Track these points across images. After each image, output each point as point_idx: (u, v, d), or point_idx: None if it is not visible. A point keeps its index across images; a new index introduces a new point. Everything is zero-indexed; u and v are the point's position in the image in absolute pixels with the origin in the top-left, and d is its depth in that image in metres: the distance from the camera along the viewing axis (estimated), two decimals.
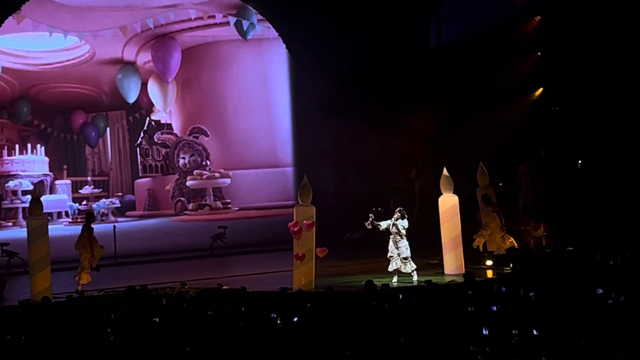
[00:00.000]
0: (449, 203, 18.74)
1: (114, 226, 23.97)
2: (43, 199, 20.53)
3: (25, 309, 13.83)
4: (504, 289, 12.50)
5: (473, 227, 19.74)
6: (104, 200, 38.54)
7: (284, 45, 27.27)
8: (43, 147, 40.26)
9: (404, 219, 17.49)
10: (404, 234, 17.45)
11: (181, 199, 36.83)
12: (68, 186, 40.66)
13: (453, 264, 18.41)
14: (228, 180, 36.57)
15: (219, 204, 36.04)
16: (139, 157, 41.28)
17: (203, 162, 37.41)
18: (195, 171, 36.77)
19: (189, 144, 37.81)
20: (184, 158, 37.64)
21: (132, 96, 39.21)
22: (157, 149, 40.28)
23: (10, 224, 35.01)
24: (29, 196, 29.16)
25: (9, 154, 38.27)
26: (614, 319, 9.71)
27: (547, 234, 20.03)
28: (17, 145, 39.17)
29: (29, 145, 39.17)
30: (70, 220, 36.92)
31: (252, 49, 36.95)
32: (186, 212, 35.96)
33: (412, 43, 25.39)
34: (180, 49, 37.00)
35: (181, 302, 13.04)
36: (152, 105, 40.49)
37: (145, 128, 40.85)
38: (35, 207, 17.60)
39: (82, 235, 18.11)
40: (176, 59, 37.02)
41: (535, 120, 24.36)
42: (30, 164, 38.29)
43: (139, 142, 41.17)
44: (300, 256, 16.94)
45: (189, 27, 35.51)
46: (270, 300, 13.22)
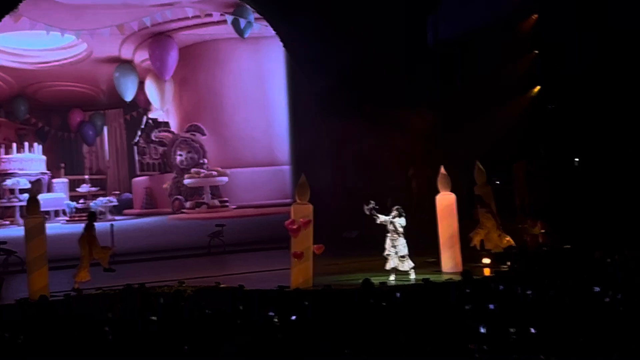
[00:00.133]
0: (446, 201, 18.75)
1: (112, 224, 24.00)
2: (40, 197, 20.49)
3: (22, 308, 13.81)
4: (501, 287, 12.50)
5: (470, 225, 19.75)
6: (101, 198, 38.63)
7: (281, 44, 27.27)
8: (40, 146, 40.33)
9: (402, 217, 17.49)
10: (402, 232, 17.46)
11: (178, 197, 36.84)
12: (65, 184, 40.72)
13: (450, 262, 18.42)
14: (225, 179, 36.59)
15: (216, 202, 36.06)
16: (136, 156, 41.30)
17: (200, 160, 37.40)
18: (192, 169, 36.77)
19: (185, 141, 37.82)
20: (181, 155, 37.65)
21: (130, 94, 39.26)
22: (155, 147, 40.27)
23: (7, 222, 35.08)
24: (26, 194, 29.14)
25: (7, 153, 38.32)
26: (611, 317, 9.72)
27: (544, 232, 20.05)
28: (15, 144, 39.21)
29: (27, 144, 39.23)
30: (67, 218, 36.96)
31: (250, 48, 36.98)
32: (183, 211, 35.97)
33: (410, 41, 25.35)
34: (177, 47, 37.03)
35: (179, 301, 13.03)
36: (150, 103, 40.54)
37: (142, 126, 40.87)
38: (33, 206, 17.60)
39: (82, 234, 18.24)
40: (173, 57, 37.05)
41: (533, 119, 24.35)
42: (28, 162, 38.33)
43: (136, 141, 41.18)
44: (298, 254, 16.95)
45: (186, 26, 35.55)
46: (268, 299, 13.22)
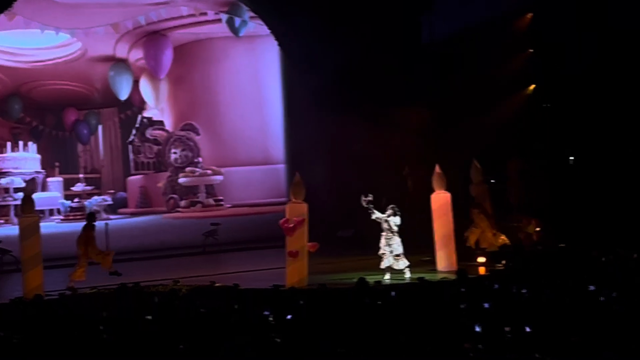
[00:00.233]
0: (441, 200, 18.76)
1: (106, 224, 23.92)
2: (35, 196, 20.48)
3: (17, 307, 13.79)
4: (496, 286, 12.51)
5: (466, 224, 19.76)
6: (96, 197, 38.55)
7: (276, 42, 27.24)
8: (35, 145, 40.24)
9: (396, 216, 17.51)
10: (396, 230, 17.48)
11: (173, 196, 36.79)
12: (60, 183, 40.64)
13: (445, 261, 18.45)
14: (220, 177, 36.56)
15: (211, 201, 36.02)
16: (130, 155, 41.21)
17: (195, 158, 37.36)
18: (187, 168, 36.74)
19: (180, 139, 37.77)
20: (175, 153, 37.60)
21: (124, 93, 39.22)
22: (149, 146, 40.20)
23: (2, 221, 34.97)
24: (21, 193, 29.07)
25: (1, 152, 38.26)
26: (606, 316, 9.73)
27: (538, 230, 20.07)
28: (9, 143, 39.11)
29: (21, 143, 39.13)
30: (62, 217, 36.89)
31: (244, 46, 36.94)
32: (178, 210, 35.94)
33: (405, 40, 25.37)
34: (172, 46, 37.00)
35: (174, 300, 13.03)
36: (144, 102, 40.47)
37: (137, 125, 40.78)
38: (27, 205, 17.60)
39: (80, 234, 18.34)
40: (168, 56, 37.02)
41: (528, 117, 24.37)
42: (22, 161, 38.25)
43: (131, 140, 41.10)
44: (294, 253, 16.95)
45: (180, 24, 35.50)
46: (263, 298, 13.21)
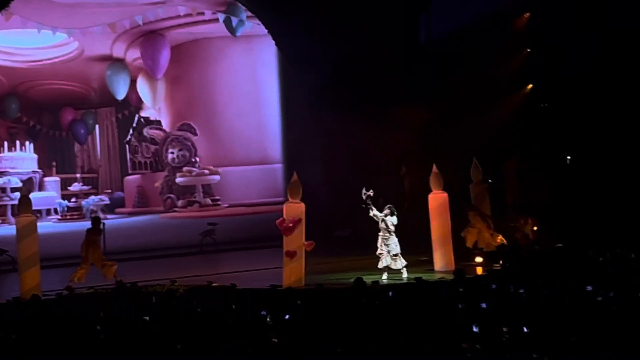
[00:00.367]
0: (438, 200, 18.76)
1: (103, 223, 23.80)
2: (32, 196, 20.43)
3: (14, 307, 13.77)
4: (493, 286, 12.50)
5: (463, 224, 19.75)
6: (93, 197, 38.57)
7: (273, 42, 27.23)
8: (32, 144, 40.22)
9: (393, 215, 17.50)
10: (393, 230, 17.47)
11: (170, 195, 36.78)
12: (57, 183, 40.63)
13: (443, 261, 18.43)
14: (217, 177, 36.57)
15: (208, 200, 36.02)
16: (128, 154, 41.22)
17: (192, 158, 37.34)
18: (184, 168, 36.72)
19: (177, 138, 37.75)
20: (172, 153, 37.57)
21: (121, 93, 39.20)
22: (147, 145, 40.20)
23: None
24: (17, 193, 29.08)
25: None
26: (604, 315, 9.73)
27: (535, 229, 20.08)
28: (6, 143, 39.10)
29: (18, 142, 39.13)
30: (59, 217, 36.87)
31: (242, 46, 36.95)
32: (175, 209, 35.94)
33: (403, 39, 25.38)
34: (169, 45, 36.99)
35: (171, 300, 13.02)
36: (142, 102, 40.48)
37: (134, 125, 40.78)
38: (24, 205, 17.57)
39: (85, 237, 18.47)
40: (165, 56, 37.01)
41: (526, 117, 24.39)
42: (19, 161, 38.25)
43: (128, 139, 41.11)
44: (291, 253, 16.94)
45: (178, 24, 35.48)
46: (260, 298, 13.21)
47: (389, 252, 17.37)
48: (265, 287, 15.26)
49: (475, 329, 9.15)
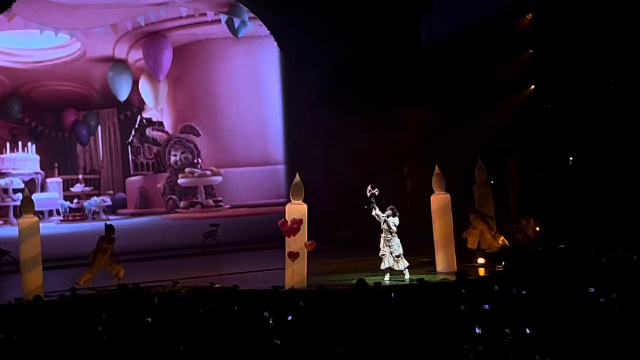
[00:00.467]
0: (440, 201, 18.75)
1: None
2: (34, 197, 20.48)
3: (16, 308, 13.78)
4: (496, 287, 12.50)
5: (465, 225, 19.75)
6: (95, 198, 38.50)
7: (275, 43, 27.23)
8: (34, 145, 40.20)
9: (395, 216, 17.50)
10: (395, 231, 17.47)
11: (172, 196, 36.76)
12: (59, 184, 40.57)
13: (445, 262, 18.44)
14: (219, 178, 36.53)
15: (210, 201, 36.00)
16: (130, 155, 41.18)
17: (194, 160, 37.33)
18: (186, 169, 36.71)
19: (180, 141, 37.72)
20: (175, 155, 37.55)
21: (124, 94, 39.12)
22: (149, 146, 40.16)
23: (1, 222, 34.92)
24: (20, 194, 29.05)
25: (0, 152, 38.18)
26: (606, 317, 9.72)
27: (537, 230, 20.07)
28: (8, 143, 39.08)
29: (20, 143, 39.10)
30: (61, 218, 36.87)
31: (244, 47, 36.88)
32: (177, 210, 35.91)
33: (405, 40, 25.40)
34: (171, 46, 36.92)
35: (173, 301, 13.03)
36: (144, 103, 40.41)
37: (136, 126, 40.75)
38: (27, 206, 17.58)
39: (97, 242, 18.47)
40: (167, 57, 36.94)
41: (528, 118, 24.39)
42: (22, 162, 38.21)
43: (130, 140, 41.06)
44: (293, 254, 16.94)
45: (180, 25, 35.41)
46: (262, 299, 13.21)
47: (392, 253, 17.36)
48: (268, 288, 15.27)
49: (477, 330, 9.15)
